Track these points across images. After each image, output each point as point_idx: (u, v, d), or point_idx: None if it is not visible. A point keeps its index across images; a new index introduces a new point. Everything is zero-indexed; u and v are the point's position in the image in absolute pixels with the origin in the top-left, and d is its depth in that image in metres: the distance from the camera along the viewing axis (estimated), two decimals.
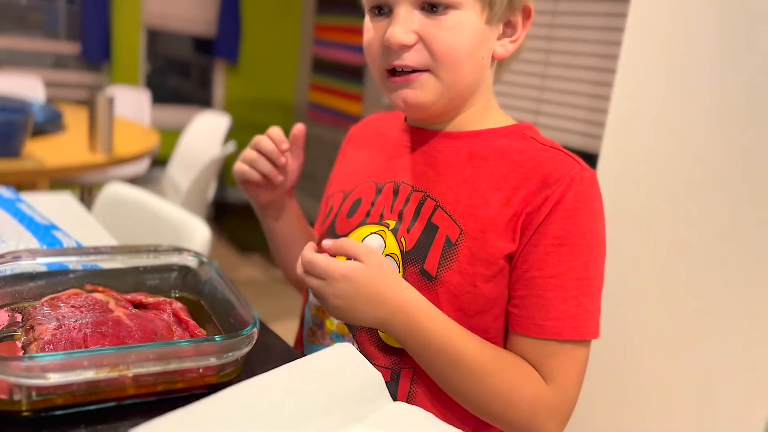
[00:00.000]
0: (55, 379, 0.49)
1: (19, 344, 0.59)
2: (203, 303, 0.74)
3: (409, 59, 0.67)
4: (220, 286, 0.71)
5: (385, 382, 0.71)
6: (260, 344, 0.66)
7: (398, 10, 0.66)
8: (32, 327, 0.59)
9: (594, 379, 1.67)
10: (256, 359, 0.65)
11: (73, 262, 0.72)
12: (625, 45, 1.55)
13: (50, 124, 2.18)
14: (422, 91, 0.68)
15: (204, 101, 4.32)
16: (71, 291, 0.67)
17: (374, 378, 0.55)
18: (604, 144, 1.61)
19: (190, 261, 0.77)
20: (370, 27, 0.70)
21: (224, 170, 4.08)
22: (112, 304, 0.65)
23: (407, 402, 0.71)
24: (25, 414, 0.51)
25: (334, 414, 0.50)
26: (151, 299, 0.69)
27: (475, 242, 0.68)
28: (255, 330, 0.60)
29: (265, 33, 4.30)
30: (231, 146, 2.44)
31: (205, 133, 2.85)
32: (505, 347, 0.70)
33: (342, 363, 0.55)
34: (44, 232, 0.85)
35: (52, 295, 0.65)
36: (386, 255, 0.72)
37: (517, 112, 2.77)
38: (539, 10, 2.65)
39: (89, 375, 0.51)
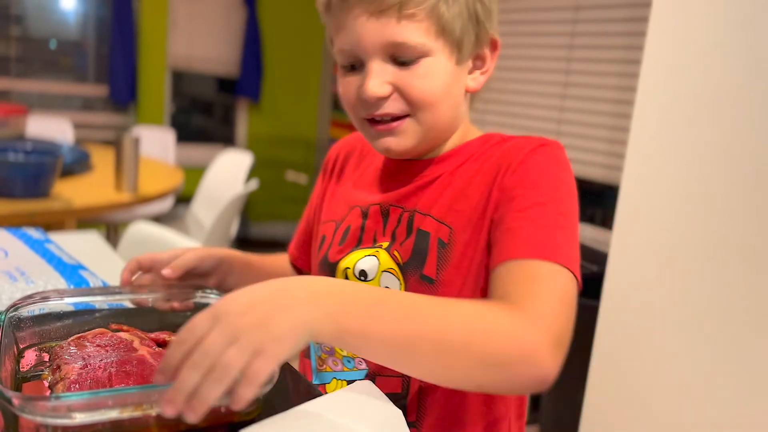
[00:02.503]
0: (80, 418, 0.50)
1: (46, 384, 0.60)
2: None
3: (389, 108, 0.70)
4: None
5: (398, 393, 0.72)
6: (281, 382, 0.66)
7: (371, 65, 0.69)
8: (59, 366, 0.60)
9: (615, 399, 1.64)
10: (277, 397, 0.65)
11: (99, 301, 0.73)
12: (643, 75, 1.56)
13: (78, 164, 2.23)
14: (404, 137, 0.72)
15: (227, 139, 4.40)
16: (97, 330, 0.68)
17: (395, 415, 0.55)
18: (625, 175, 1.61)
19: (212, 299, 0.78)
20: (343, 81, 0.73)
21: (247, 207, 4.13)
22: (136, 343, 0.66)
23: (418, 411, 0.72)
24: None
25: None
26: (174, 337, 0.70)
27: (464, 234, 0.70)
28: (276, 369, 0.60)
29: (287, 72, 4.39)
30: (253, 183, 2.48)
31: (228, 170, 2.89)
32: None
33: (362, 400, 0.55)
34: (71, 271, 0.87)
35: (79, 335, 0.67)
36: (383, 271, 0.74)
37: None
38: (556, 44, 2.68)
39: (114, 414, 0.51)
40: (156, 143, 3.28)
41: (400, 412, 0.56)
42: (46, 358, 0.65)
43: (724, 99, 1.37)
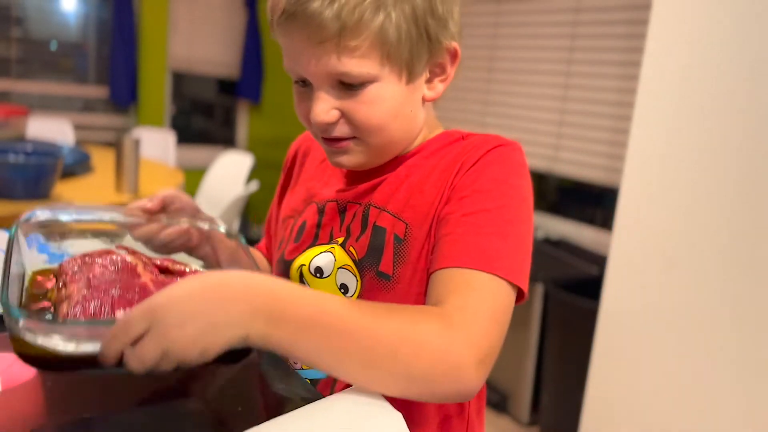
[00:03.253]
0: (83, 347, 0.50)
1: (48, 303, 0.61)
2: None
3: (337, 132, 0.69)
4: (243, 258, 0.73)
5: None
6: (281, 384, 0.66)
7: (317, 92, 0.67)
8: (65, 284, 0.60)
9: (615, 400, 1.64)
10: (277, 400, 0.65)
11: (106, 219, 0.75)
12: (643, 78, 1.56)
13: (79, 166, 2.23)
14: (354, 156, 0.71)
15: (227, 141, 4.40)
16: (103, 249, 0.68)
17: (395, 419, 0.55)
18: (625, 177, 1.61)
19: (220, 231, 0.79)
20: (296, 95, 0.72)
21: (247, 209, 4.14)
22: (140, 268, 0.66)
23: None
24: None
25: None
26: (178, 266, 0.70)
27: (420, 231, 0.69)
28: None
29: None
30: (254, 185, 2.48)
31: (229, 172, 2.90)
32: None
33: (362, 403, 0.55)
34: None
35: (85, 252, 0.67)
36: (339, 268, 0.73)
37: (537, 147, 2.78)
38: (557, 47, 2.68)
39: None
40: (156, 145, 3.28)
41: (399, 414, 0.56)
42: (53, 278, 0.65)
43: (724, 101, 1.37)
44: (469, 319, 0.58)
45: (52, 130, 3.08)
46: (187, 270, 0.71)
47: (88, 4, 3.80)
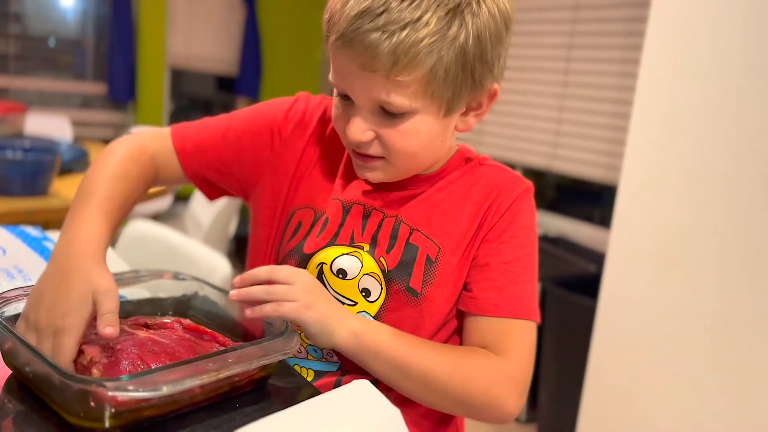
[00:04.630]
0: (166, 389, 0.51)
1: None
2: (196, 314, 0.76)
3: (369, 150, 0.72)
4: (208, 294, 0.75)
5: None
6: (281, 380, 0.66)
7: (358, 112, 0.69)
8: (80, 351, 0.58)
9: (612, 398, 1.64)
10: (275, 396, 0.65)
11: None
12: (642, 75, 1.56)
13: (76, 162, 2.22)
14: (380, 173, 0.75)
15: None
16: None
17: (393, 415, 0.55)
18: (623, 175, 1.61)
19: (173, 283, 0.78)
20: (338, 105, 0.73)
21: (245, 206, 4.12)
22: (127, 328, 0.64)
23: None
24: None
25: None
26: (157, 320, 0.70)
27: (452, 257, 0.75)
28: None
29: (285, 71, 4.39)
30: None
31: None
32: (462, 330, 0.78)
33: (360, 400, 0.55)
34: None
35: None
36: (365, 274, 0.75)
37: (535, 145, 2.78)
38: (556, 44, 2.68)
39: (195, 382, 0.53)
40: None
41: (397, 411, 0.56)
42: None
43: (722, 99, 1.38)
44: (514, 361, 0.71)
45: (50, 126, 3.07)
46: (166, 321, 0.70)
47: (86, 1, 3.79)
